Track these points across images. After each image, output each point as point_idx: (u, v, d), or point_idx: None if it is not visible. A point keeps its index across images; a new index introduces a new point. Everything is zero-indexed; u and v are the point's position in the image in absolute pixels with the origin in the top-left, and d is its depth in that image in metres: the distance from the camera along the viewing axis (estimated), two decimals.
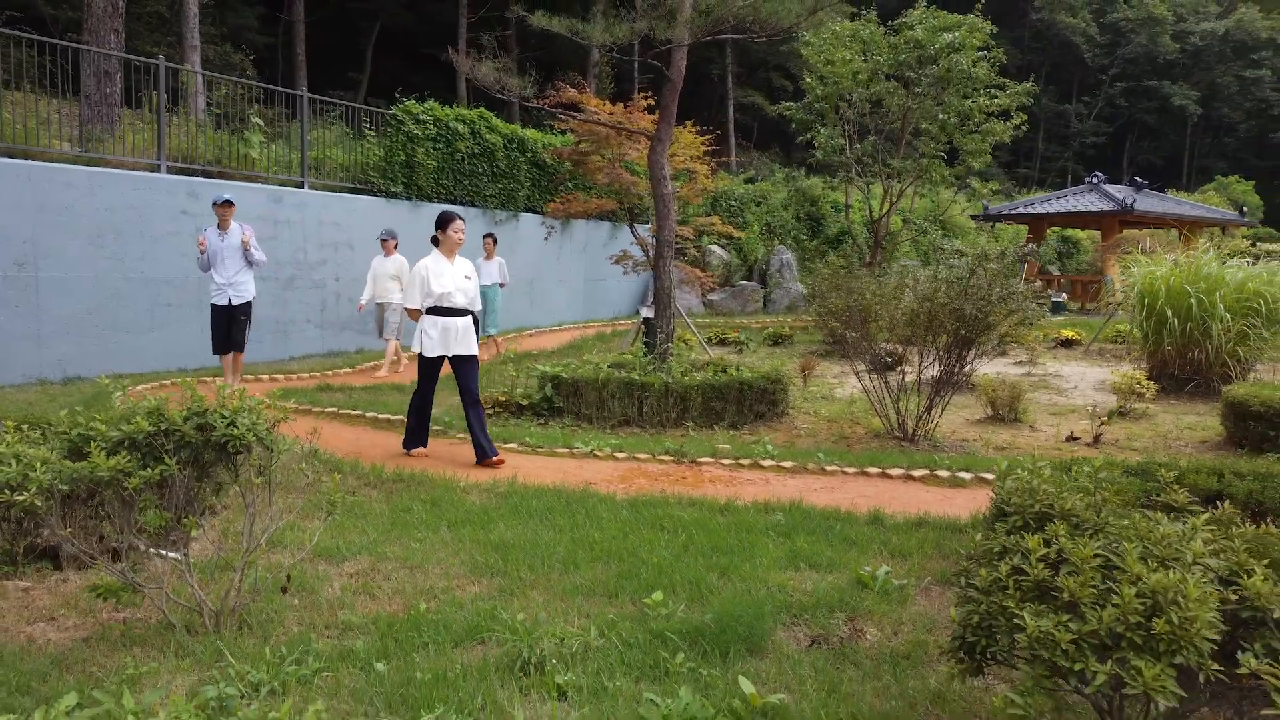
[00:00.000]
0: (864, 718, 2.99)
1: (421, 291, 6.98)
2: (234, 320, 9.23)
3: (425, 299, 6.99)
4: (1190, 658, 2.19)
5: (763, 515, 5.41)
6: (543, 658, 3.33)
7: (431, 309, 7.00)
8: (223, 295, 9.16)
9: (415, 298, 7.04)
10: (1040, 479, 2.88)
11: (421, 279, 7.00)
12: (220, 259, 9.13)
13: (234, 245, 9.17)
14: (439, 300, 6.99)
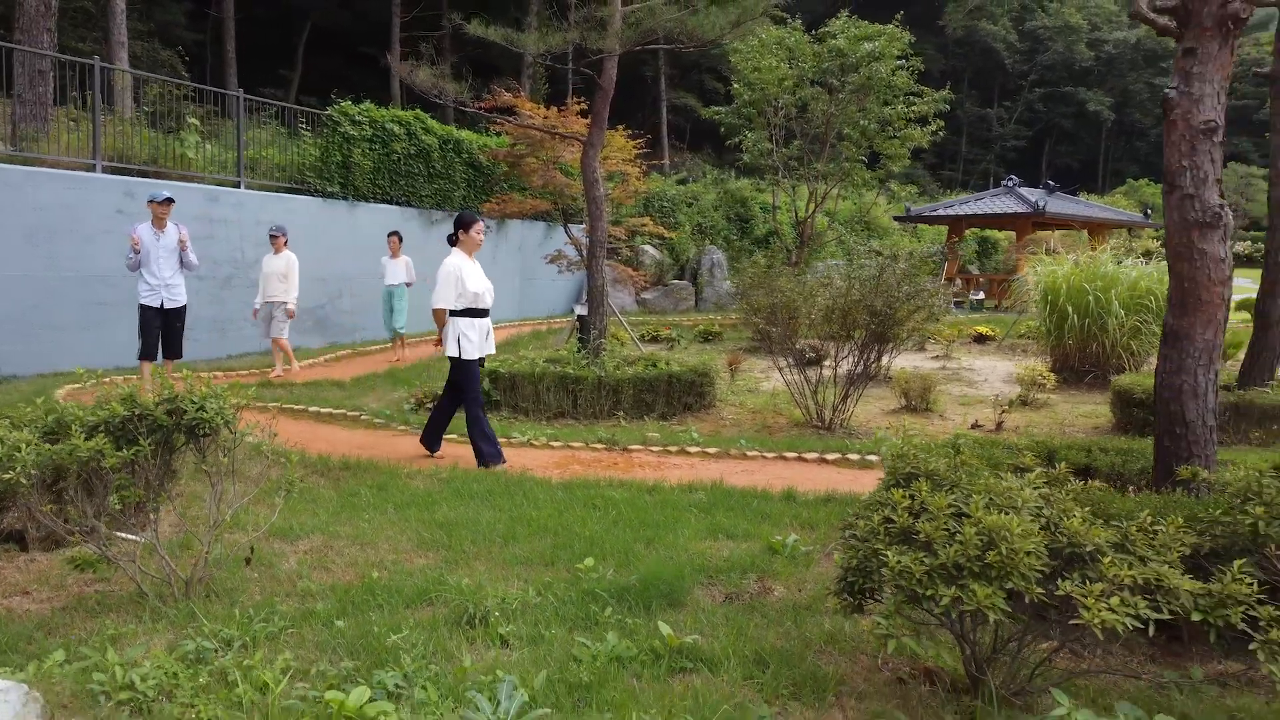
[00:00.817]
0: (767, 654, 3.47)
1: (455, 291, 6.80)
2: (170, 326, 8.96)
3: (459, 299, 6.82)
4: (1017, 583, 2.70)
5: (687, 494, 5.89)
6: (486, 613, 3.75)
7: (466, 310, 6.86)
8: (155, 296, 8.84)
9: (448, 297, 6.80)
10: (910, 446, 3.39)
11: (456, 279, 6.80)
12: (155, 259, 8.81)
13: (170, 245, 8.90)
14: (473, 301, 6.88)
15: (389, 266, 13.01)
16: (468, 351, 6.84)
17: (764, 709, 3.08)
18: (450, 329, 6.86)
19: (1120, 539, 2.96)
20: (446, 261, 6.88)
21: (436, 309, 6.84)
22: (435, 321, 6.95)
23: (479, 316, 6.91)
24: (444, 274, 6.82)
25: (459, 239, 6.99)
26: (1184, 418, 4.20)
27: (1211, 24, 4.07)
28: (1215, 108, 4.12)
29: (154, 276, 8.86)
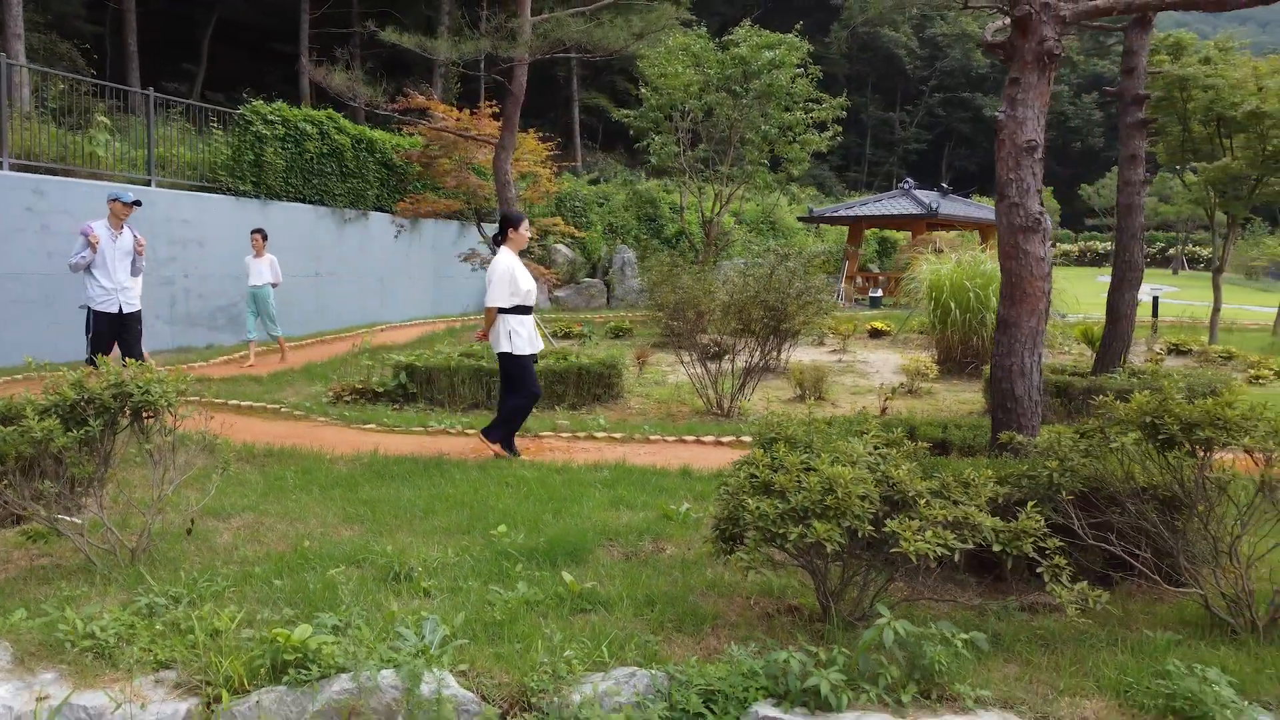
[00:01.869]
0: (656, 597, 4.04)
1: (509, 290, 6.94)
2: (129, 330, 8.57)
3: (512, 297, 6.97)
4: (852, 521, 3.32)
5: (592, 473, 6.43)
6: (410, 571, 4.24)
7: (517, 308, 7.01)
8: (112, 302, 8.41)
9: (503, 296, 6.94)
10: (774, 416, 4.00)
11: (511, 278, 6.95)
12: (110, 261, 8.39)
13: (125, 249, 8.51)
14: (524, 299, 7.04)
15: (252, 266, 12.43)
16: (519, 347, 7.02)
17: (651, 637, 3.64)
18: (501, 326, 7.00)
19: (939, 487, 3.62)
20: (498, 261, 7.02)
21: (490, 307, 6.99)
22: (488, 320, 7.10)
23: (527, 313, 7.12)
24: (499, 274, 6.94)
25: (507, 237, 7.13)
26: (1014, 393, 4.93)
27: (1031, 59, 4.79)
28: (1036, 129, 4.85)
29: (109, 280, 8.40)
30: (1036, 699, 3.32)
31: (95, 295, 8.38)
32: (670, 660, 3.43)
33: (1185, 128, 15.91)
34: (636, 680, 3.27)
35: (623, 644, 3.55)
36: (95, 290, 8.38)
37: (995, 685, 3.38)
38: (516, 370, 7.10)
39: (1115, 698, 3.33)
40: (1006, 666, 3.54)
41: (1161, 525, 3.91)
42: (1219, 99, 14.78)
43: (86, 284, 8.42)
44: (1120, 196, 9.40)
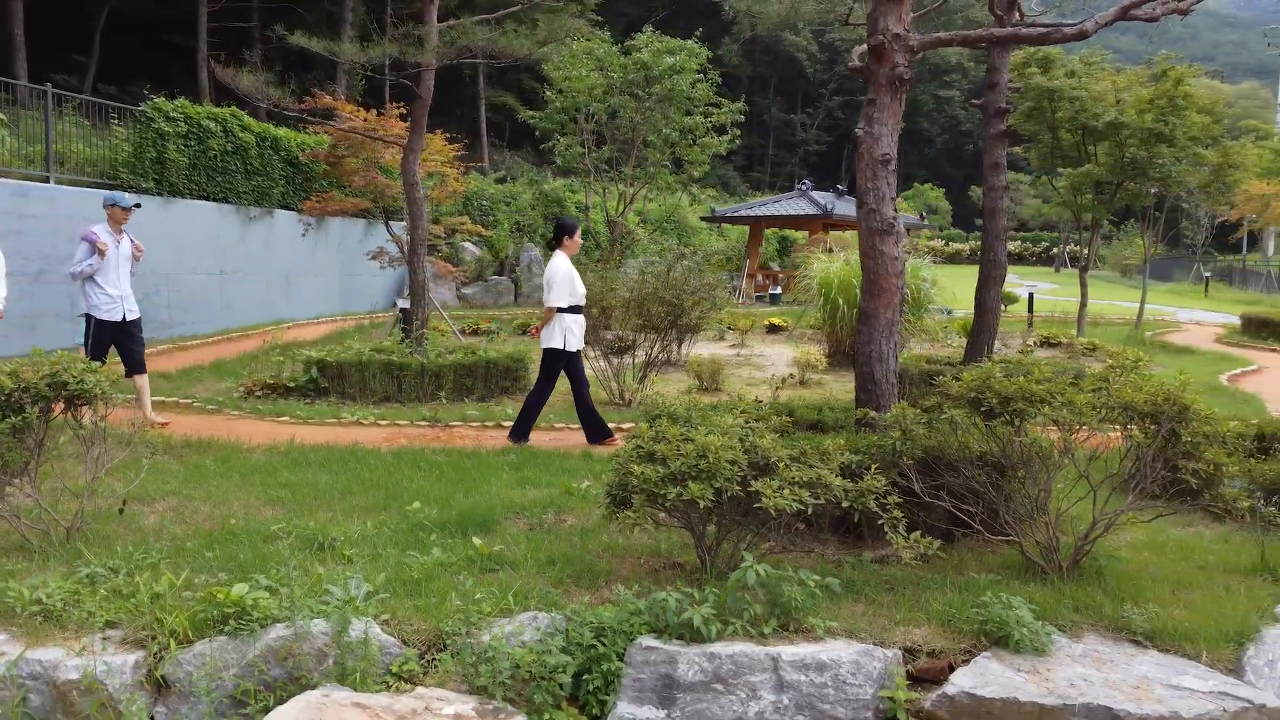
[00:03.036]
0: (557, 557, 4.56)
1: (569, 291, 7.48)
2: (133, 338, 8.29)
3: (570, 298, 7.50)
4: (721, 482, 3.89)
5: (500, 457, 6.90)
6: (333, 541, 4.67)
7: (573, 307, 7.55)
8: (117, 310, 8.07)
9: (564, 297, 7.45)
10: (659, 396, 4.56)
11: (570, 280, 7.50)
12: (116, 267, 8.06)
13: (126, 253, 8.22)
14: (580, 300, 7.64)
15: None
16: (570, 344, 7.55)
17: (552, 590, 4.16)
18: (557, 324, 7.51)
19: (798, 454, 4.22)
20: (558, 265, 7.56)
21: (551, 307, 7.49)
22: (546, 318, 7.58)
23: (580, 313, 7.68)
24: (559, 276, 7.47)
25: (563, 243, 7.69)
26: (873, 376, 5.60)
27: (885, 82, 5.46)
28: (890, 144, 5.52)
29: (115, 287, 8.06)
30: (877, 629, 3.96)
31: (101, 303, 8.01)
32: (568, 607, 3.96)
33: (1054, 136, 17.11)
34: (539, 621, 3.79)
35: (527, 595, 4.06)
36: (100, 298, 8.01)
37: (844, 619, 4.00)
38: (557, 366, 7.64)
39: (941, 625, 3.99)
40: (855, 605, 4.17)
41: (989, 486, 4.60)
42: (1083, 110, 15.97)
43: (89, 292, 8.02)
44: (985, 201, 10.28)
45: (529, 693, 3.49)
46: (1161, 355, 15.29)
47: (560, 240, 7.74)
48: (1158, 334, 18.13)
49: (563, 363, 7.64)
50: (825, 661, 3.67)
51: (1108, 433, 4.55)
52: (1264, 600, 4.31)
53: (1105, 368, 4.68)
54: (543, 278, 7.68)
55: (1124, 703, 3.44)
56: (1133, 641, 3.93)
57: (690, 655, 3.62)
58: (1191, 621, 4.03)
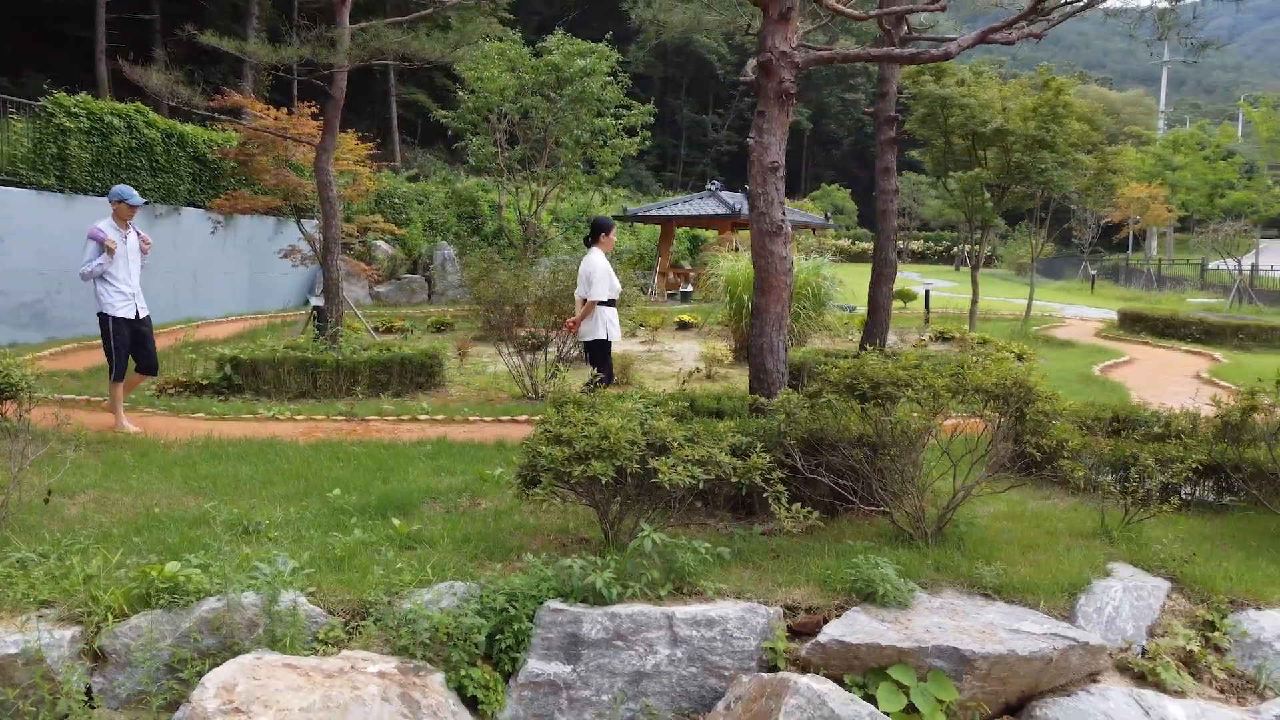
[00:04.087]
0: (472, 535, 4.91)
1: (608, 285, 7.92)
2: (147, 335, 8.17)
3: (609, 292, 7.93)
4: (622, 460, 4.29)
5: (417, 447, 7.19)
6: (258, 525, 4.92)
7: (610, 301, 7.99)
8: (130, 306, 7.96)
9: (604, 291, 7.88)
10: (565, 385, 4.94)
11: (608, 275, 7.94)
12: (127, 264, 7.93)
13: (134, 248, 8.10)
14: (615, 294, 8.07)
15: None
16: (613, 335, 8.02)
17: (468, 564, 4.51)
18: (599, 317, 7.93)
19: (692, 435, 4.66)
20: (595, 261, 7.96)
21: (593, 300, 7.89)
22: (585, 311, 7.95)
23: (614, 306, 8.14)
24: (599, 272, 7.89)
25: (599, 240, 8.12)
26: (764, 366, 6.07)
27: (773, 95, 5.94)
28: (779, 152, 6.01)
29: (127, 285, 7.93)
30: (762, 590, 4.42)
31: (115, 301, 7.86)
32: (482, 577, 4.32)
33: (947, 141, 18.03)
34: (455, 590, 4.14)
35: (444, 568, 4.40)
36: (114, 296, 7.86)
37: (733, 582, 4.45)
38: (605, 354, 8.09)
39: (818, 585, 4.47)
40: (744, 570, 4.63)
41: (866, 464, 5.11)
42: (972, 117, 16.90)
43: (101, 291, 7.85)
44: (877, 203, 10.93)
45: (446, 652, 3.84)
46: (1045, 349, 16.29)
47: (597, 238, 8.19)
48: (1043, 329, 19.22)
49: (609, 348, 8.12)
50: (714, 618, 4.11)
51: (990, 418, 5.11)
52: (1098, 558, 4.92)
53: (964, 356, 5.23)
54: (582, 274, 8.13)
55: (970, 644, 3.96)
56: (983, 595, 4.47)
57: (594, 615, 4.02)
58: (1034, 577, 4.60)
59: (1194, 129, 42.96)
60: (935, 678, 3.91)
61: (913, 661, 3.95)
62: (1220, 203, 36.95)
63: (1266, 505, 5.59)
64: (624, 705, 3.98)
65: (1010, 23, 5.71)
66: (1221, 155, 39.08)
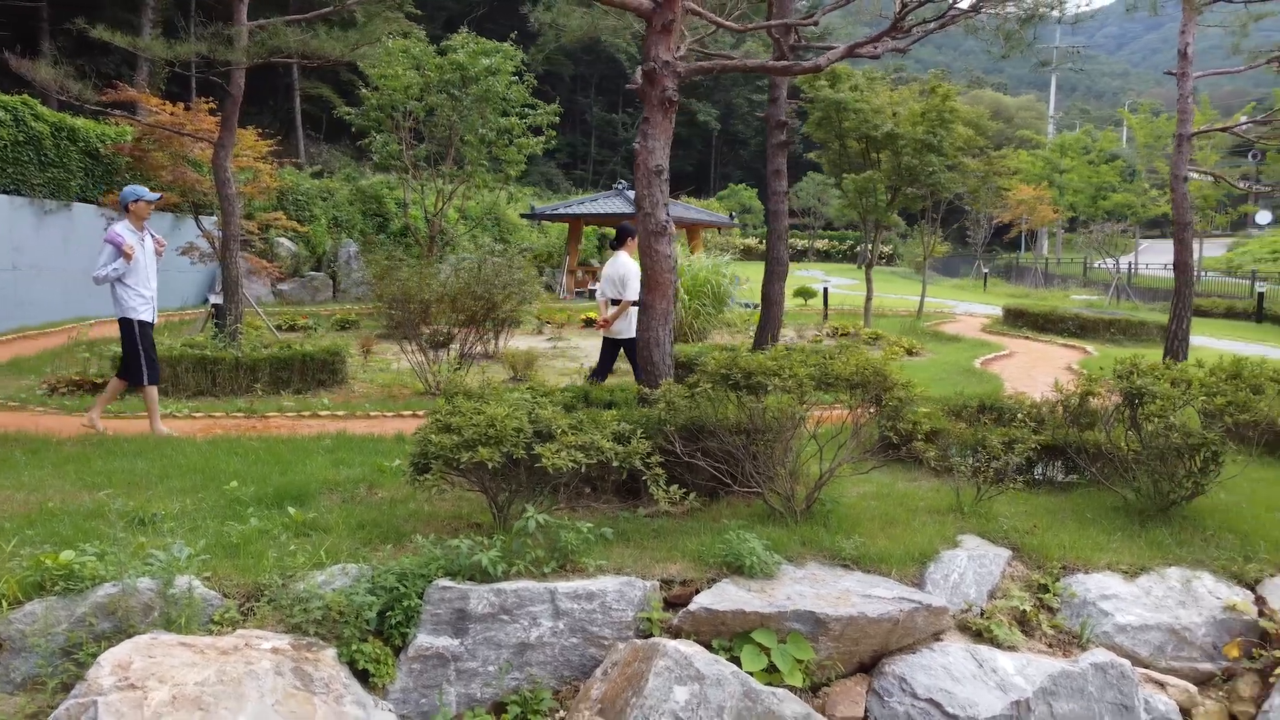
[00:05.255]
0: (367, 523, 5.11)
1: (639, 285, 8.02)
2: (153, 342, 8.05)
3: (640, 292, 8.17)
4: (508, 447, 4.57)
5: (316, 442, 7.32)
6: (153, 517, 5.04)
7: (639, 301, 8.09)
8: (150, 309, 7.88)
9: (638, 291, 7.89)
10: (456, 376, 5.19)
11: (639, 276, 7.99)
12: (145, 266, 7.81)
13: (150, 249, 7.93)
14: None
15: None
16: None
17: (362, 548, 4.72)
18: (632, 316, 8.30)
19: (576, 423, 4.95)
20: (628, 263, 8.45)
21: (628, 300, 8.39)
22: (620, 310, 8.48)
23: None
24: (632, 273, 8.33)
25: (625, 244, 8.66)
26: (651, 359, 6.41)
27: (656, 103, 6.27)
28: (663, 157, 6.35)
29: (147, 287, 7.81)
30: (641, 566, 4.75)
31: (136, 305, 7.77)
32: (375, 559, 4.54)
33: (842, 144, 18.75)
34: (348, 570, 4.36)
35: (338, 552, 4.61)
36: (135, 300, 7.77)
37: (615, 559, 4.77)
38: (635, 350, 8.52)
39: (693, 561, 4.82)
40: (626, 549, 4.95)
41: (742, 449, 5.48)
42: (865, 121, 17.63)
43: (121, 295, 7.75)
44: (768, 204, 11.40)
45: (339, 629, 4.06)
46: (933, 343, 17.09)
47: (624, 241, 8.72)
48: (934, 324, 20.10)
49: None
50: (594, 591, 4.42)
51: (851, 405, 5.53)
52: (949, 531, 5.39)
53: (830, 347, 5.66)
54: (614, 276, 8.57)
55: (825, 608, 4.36)
56: (843, 565, 4.88)
57: (480, 592, 4.29)
58: (890, 548, 5.03)
59: (1080, 134, 45.06)
60: (794, 639, 4.29)
61: (774, 625, 4.32)
62: (1103, 204, 38.88)
63: (1104, 482, 6.16)
64: (509, 675, 4.26)
65: (874, 39, 6.17)
66: (1104, 159, 41.12)
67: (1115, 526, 5.68)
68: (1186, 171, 12.23)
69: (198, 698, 3.49)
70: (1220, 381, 5.75)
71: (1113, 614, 4.85)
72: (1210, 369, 6.15)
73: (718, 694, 3.95)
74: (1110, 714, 4.35)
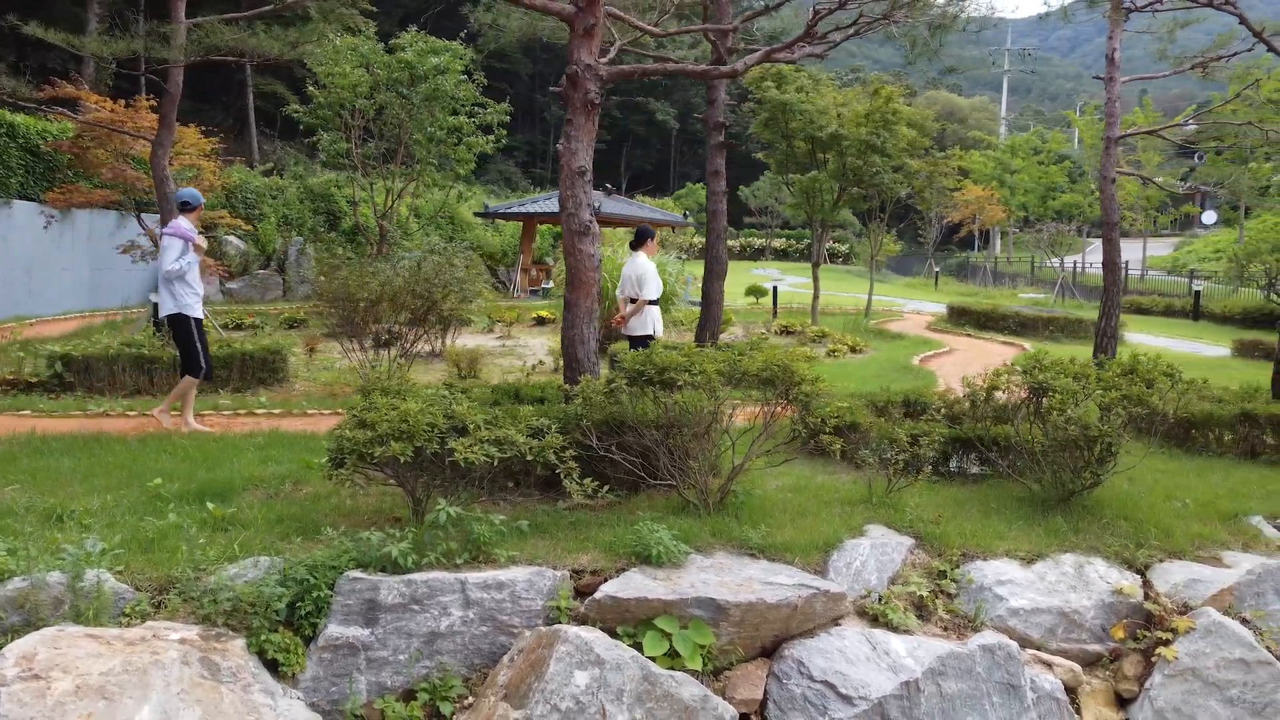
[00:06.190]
0: (287, 518, 5.20)
1: (657, 287, 8.66)
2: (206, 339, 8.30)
3: (657, 292, 8.62)
4: (421, 441, 4.68)
5: (248, 439, 7.37)
6: (72, 513, 5.09)
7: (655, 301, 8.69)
8: (200, 307, 8.07)
9: (654, 292, 8.60)
10: (376, 373, 5.29)
11: (658, 278, 8.69)
12: (197, 265, 7.98)
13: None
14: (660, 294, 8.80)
15: None
16: (658, 330, 8.83)
17: (279, 543, 4.82)
18: (648, 315, 8.71)
19: (492, 418, 5.08)
20: (646, 264, 8.74)
21: (644, 299, 8.63)
22: (636, 309, 8.69)
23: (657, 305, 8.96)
24: (651, 273, 8.70)
25: (644, 245, 8.96)
26: (576, 356, 6.55)
27: (580, 105, 6.41)
28: (586, 158, 6.48)
29: (199, 285, 7.99)
30: (554, 556, 4.89)
31: (192, 303, 7.94)
32: (288, 552, 4.64)
33: (789, 144, 19.00)
34: (260, 563, 4.46)
35: (251, 545, 4.70)
36: (191, 297, 7.92)
37: (529, 551, 4.90)
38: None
39: (605, 551, 4.97)
40: (541, 540, 5.08)
41: (660, 444, 5.64)
42: (811, 122, 17.89)
43: (181, 292, 7.87)
44: (709, 204, 11.58)
45: (248, 620, 4.15)
46: (877, 340, 17.40)
47: (643, 243, 9.01)
48: (880, 322, 20.43)
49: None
50: (504, 581, 4.56)
51: (761, 400, 5.70)
52: (857, 520, 5.59)
53: (742, 344, 5.83)
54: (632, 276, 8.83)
55: (726, 595, 4.53)
56: (750, 555, 5.06)
57: (390, 583, 4.40)
58: (796, 538, 5.22)
59: (1030, 135, 45.88)
60: (695, 625, 4.46)
61: (676, 612, 4.48)
62: (1052, 204, 39.64)
63: (1012, 475, 6.40)
64: (420, 663, 4.37)
65: (789, 44, 6.35)
66: (1053, 160, 41.90)
67: (1018, 516, 5.91)
68: (1114, 173, 12.60)
69: (102, 687, 3.58)
70: (1116, 376, 6.00)
71: (1007, 598, 5.07)
72: (1110, 365, 6.42)
73: (617, 678, 4.10)
74: (997, 693, 4.57)
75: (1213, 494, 6.56)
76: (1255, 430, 7.70)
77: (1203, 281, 27.76)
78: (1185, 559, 5.55)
